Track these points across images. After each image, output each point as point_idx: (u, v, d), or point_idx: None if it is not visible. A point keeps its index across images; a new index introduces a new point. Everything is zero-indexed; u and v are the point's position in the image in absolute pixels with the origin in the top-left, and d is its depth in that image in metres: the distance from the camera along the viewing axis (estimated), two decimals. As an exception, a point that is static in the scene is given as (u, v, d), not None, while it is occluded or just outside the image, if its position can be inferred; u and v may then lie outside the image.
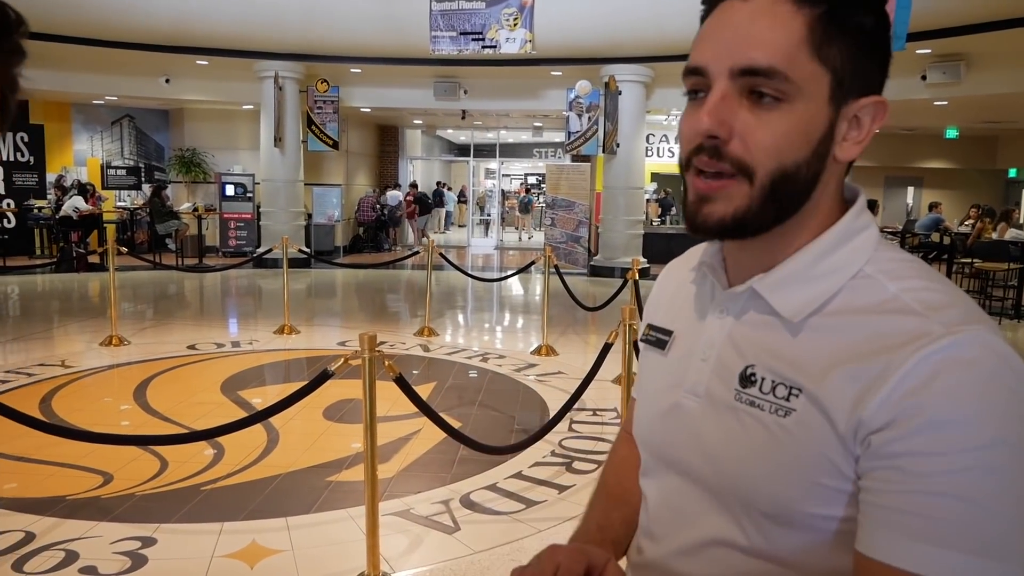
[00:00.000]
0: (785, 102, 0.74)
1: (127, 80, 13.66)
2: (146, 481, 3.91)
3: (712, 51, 0.76)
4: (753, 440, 0.76)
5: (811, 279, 0.78)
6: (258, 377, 6.11)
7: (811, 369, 0.74)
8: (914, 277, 0.76)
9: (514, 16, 10.80)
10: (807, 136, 0.75)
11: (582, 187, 13.58)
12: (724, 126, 0.74)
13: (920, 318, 0.70)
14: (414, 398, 2.99)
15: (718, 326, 0.85)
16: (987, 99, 11.91)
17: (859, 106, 0.77)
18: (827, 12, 0.74)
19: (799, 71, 0.73)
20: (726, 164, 0.75)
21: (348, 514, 3.56)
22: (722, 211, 0.77)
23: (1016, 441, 0.65)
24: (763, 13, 0.74)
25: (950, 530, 0.64)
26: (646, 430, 0.93)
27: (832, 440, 0.71)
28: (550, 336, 7.29)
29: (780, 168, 0.75)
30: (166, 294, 11.04)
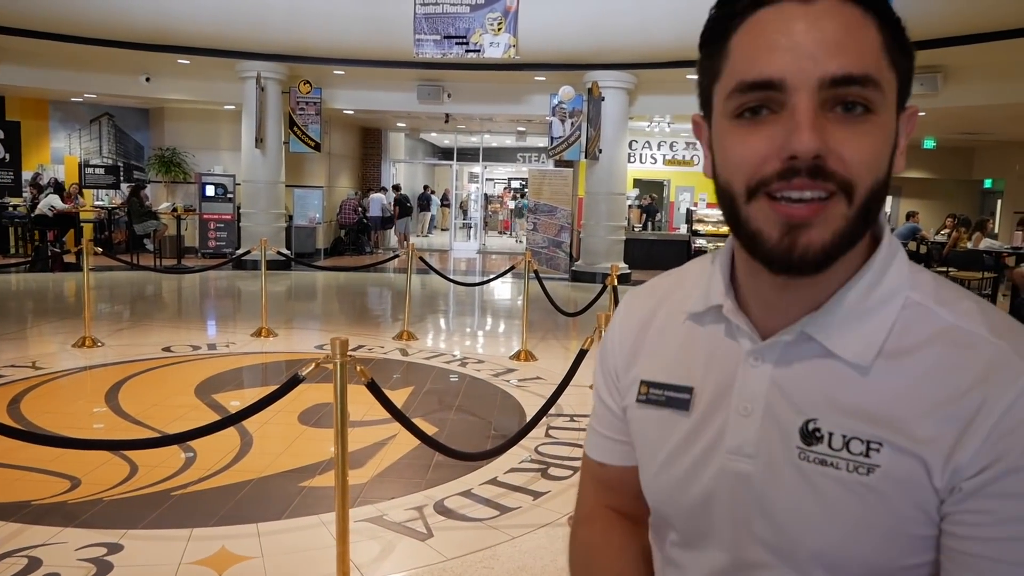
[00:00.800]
0: (874, 113, 0.68)
1: (106, 78, 13.53)
2: (115, 486, 3.85)
3: (789, 61, 0.66)
4: (831, 502, 0.70)
5: (866, 313, 0.72)
6: (233, 380, 6.05)
7: (891, 418, 0.68)
8: (960, 299, 0.72)
9: (498, 21, 10.81)
10: (889, 147, 0.70)
11: (564, 192, 13.60)
12: (824, 143, 0.66)
13: (992, 346, 0.67)
14: (386, 403, 2.96)
15: (755, 376, 0.76)
16: (963, 111, 12.05)
17: (903, 117, 0.73)
18: (892, 23, 0.70)
19: (884, 78, 0.68)
20: (830, 184, 0.67)
21: (320, 520, 3.52)
22: (823, 237, 0.68)
23: None
24: (836, 16, 0.67)
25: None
26: (673, 500, 0.83)
27: (927, 491, 0.67)
28: (529, 341, 7.27)
29: (876, 184, 0.68)
30: (143, 295, 10.93)
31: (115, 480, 3.92)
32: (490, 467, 4.22)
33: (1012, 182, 17.73)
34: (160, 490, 3.84)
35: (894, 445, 0.68)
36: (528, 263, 7.40)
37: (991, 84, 10.95)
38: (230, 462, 4.25)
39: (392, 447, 4.51)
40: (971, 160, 19.91)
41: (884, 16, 0.70)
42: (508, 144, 23.51)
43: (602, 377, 0.94)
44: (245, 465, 4.22)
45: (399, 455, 4.40)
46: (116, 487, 3.84)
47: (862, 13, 0.68)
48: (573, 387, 4.33)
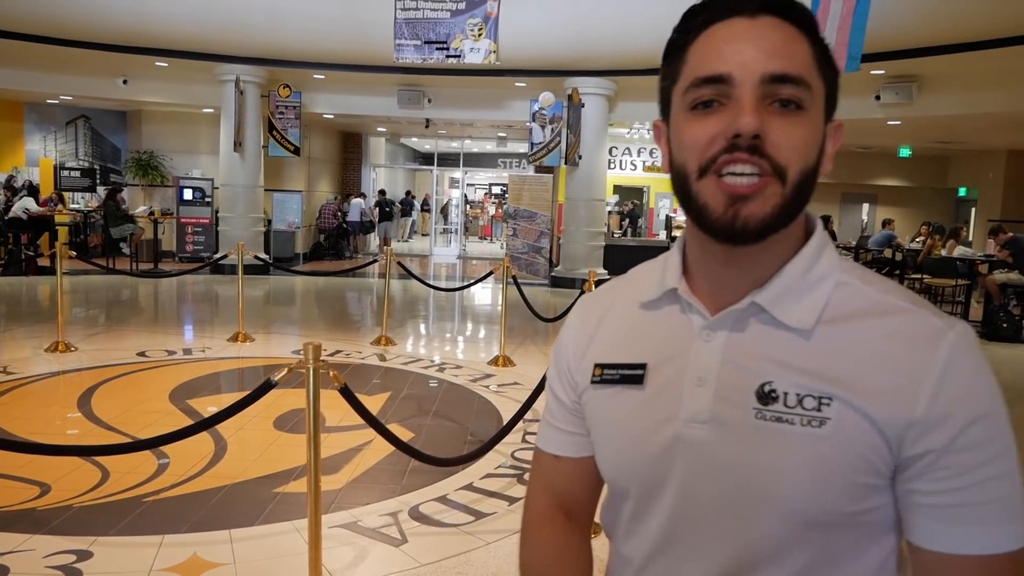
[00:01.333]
0: (804, 110, 0.79)
1: (83, 80, 13.41)
2: (85, 492, 3.81)
3: (736, 60, 0.78)
4: (789, 454, 0.78)
5: (806, 288, 0.82)
6: (208, 385, 6.00)
7: (838, 375, 0.77)
8: (878, 280, 0.84)
9: (478, 26, 10.83)
10: (817, 143, 0.81)
11: (544, 198, 13.63)
12: (763, 127, 0.77)
13: (917, 315, 0.79)
14: (359, 409, 2.95)
15: (708, 349, 0.84)
16: (938, 120, 12.22)
17: (830, 127, 0.85)
18: (818, 42, 0.82)
19: (814, 83, 0.80)
20: (766, 163, 0.78)
21: (294, 526, 3.50)
22: (761, 211, 0.78)
23: (1005, 411, 0.77)
24: (776, 29, 0.79)
25: (1002, 507, 0.75)
26: (633, 471, 0.89)
27: (875, 441, 0.76)
28: (508, 347, 7.27)
29: (805, 169, 0.80)
30: (118, 299, 10.83)
31: (86, 486, 3.88)
32: (466, 472, 4.22)
33: (985, 190, 17.97)
34: (131, 496, 3.80)
35: (843, 400, 0.77)
36: (506, 269, 7.40)
37: (965, 94, 11.10)
38: (204, 468, 4.21)
39: (368, 453, 4.50)
40: (946, 168, 20.16)
41: (814, 36, 0.82)
42: (489, 150, 23.52)
43: (555, 372, 1.00)
44: (219, 471, 4.19)
45: (375, 461, 4.39)
46: (87, 493, 3.80)
47: (797, 31, 0.80)
48: (549, 392, 4.34)
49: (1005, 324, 9.54)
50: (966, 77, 10.86)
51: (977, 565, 0.75)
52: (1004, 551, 0.75)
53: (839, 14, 8.64)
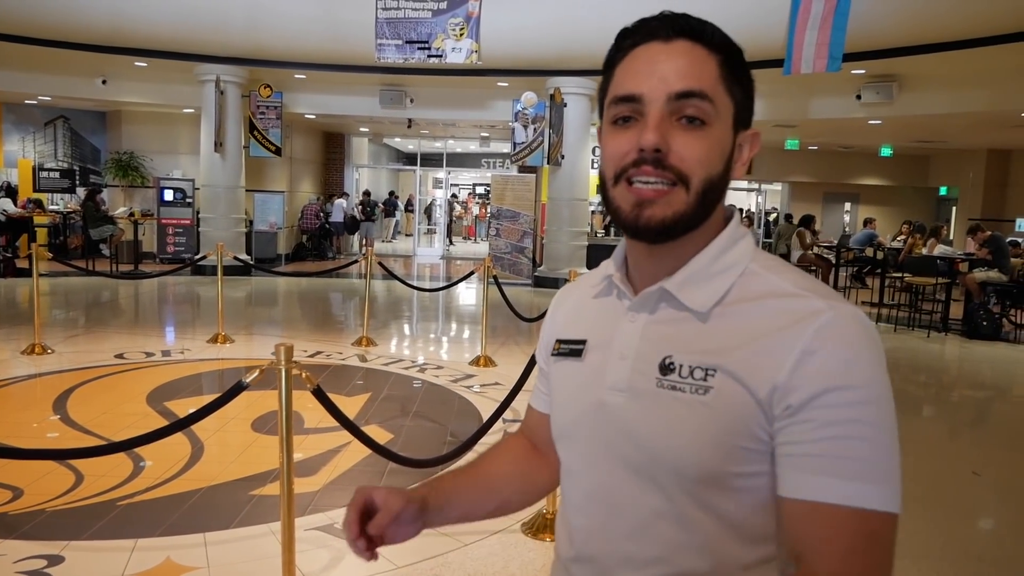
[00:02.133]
0: (708, 124, 0.90)
1: (62, 80, 13.28)
2: (58, 496, 3.76)
3: (647, 81, 0.89)
4: (678, 418, 0.87)
5: (711, 276, 0.92)
6: (187, 387, 5.95)
7: (723, 350, 0.87)
8: (785, 269, 0.93)
9: (460, 26, 10.80)
10: (722, 153, 0.92)
11: (527, 198, 13.62)
12: (665, 142, 0.89)
13: (804, 298, 0.86)
14: (333, 410, 2.93)
15: (631, 327, 0.96)
16: (918, 119, 12.30)
17: (744, 136, 0.96)
18: (727, 59, 0.92)
19: (718, 99, 0.90)
20: (669, 173, 0.89)
21: (269, 529, 3.47)
22: (662, 213, 0.90)
23: (885, 388, 0.84)
24: (686, 53, 0.90)
25: (856, 466, 0.81)
26: (570, 430, 1.02)
27: (751, 407, 0.84)
28: (489, 347, 7.25)
29: (708, 178, 0.90)
30: (97, 301, 10.72)
31: (59, 490, 3.83)
32: (445, 473, 4.19)
33: (966, 190, 18.12)
34: (105, 500, 3.75)
35: (725, 371, 0.86)
36: (488, 269, 7.38)
37: (945, 93, 11.18)
38: (179, 471, 4.17)
39: (346, 454, 4.46)
40: (927, 168, 20.32)
41: (726, 58, 0.92)
42: (472, 150, 23.50)
43: (540, 344, 1.17)
44: (195, 473, 4.15)
45: (353, 462, 4.36)
46: (60, 497, 3.75)
47: (706, 52, 0.91)
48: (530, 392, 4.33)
49: (985, 322, 9.61)
50: (946, 76, 10.94)
51: (832, 514, 0.81)
52: (860, 506, 0.80)
53: (820, 14, 8.68)
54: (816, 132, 15.82)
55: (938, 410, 6.75)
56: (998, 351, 9.01)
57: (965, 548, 3.72)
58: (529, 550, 3.40)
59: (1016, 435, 5.93)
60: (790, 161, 19.52)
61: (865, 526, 0.81)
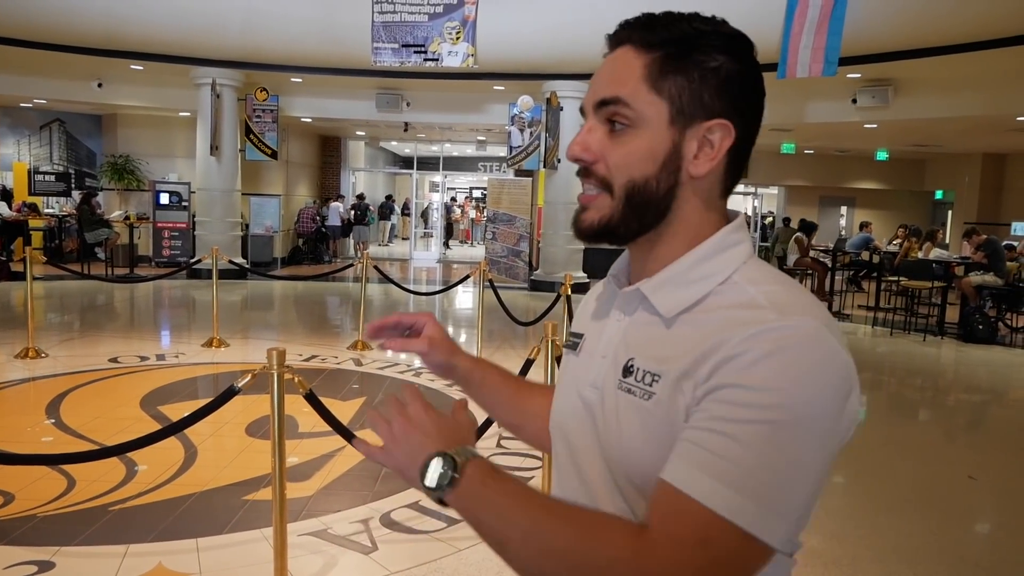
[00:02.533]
0: (631, 127, 0.89)
1: (57, 83, 13.26)
2: (50, 501, 3.74)
3: (587, 94, 0.93)
4: (628, 421, 0.88)
5: (686, 283, 0.90)
6: (180, 392, 5.92)
7: (670, 358, 0.86)
8: (772, 283, 0.87)
9: (456, 30, 10.80)
10: (652, 154, 0.89)
11: (523, 202, 13.61)
12: (589, 152, 0.91)
13: (763, 310, 0.82)
14: (325, 415, 2.91)
15: (616, 327, 0.97)
16: (914, 123, 12.32)
17: (705, 128, 0.89)
18: (663, 55, 0.89)
19: (639, 101, 0.89)
20: (593, 179, 0.92)
21: (262, 534, 3.45)
22: (591, 218, 0.93)
23: (804, 408, 0.77)
24: (616, 60, 0.92)
25: (722, 465, 0.76)
26: (557, 420, 1.04)
27: (682, 412, 0.83)
28: (485, 351, 7.24)
29: (631, 181, 0.90)
30: (92, 305, 10.69)
31: (51, 495, 3.80)
32: (439, 478, 4.17)
33: (962, 193, 18.15)
34: (97, 505, 3.73)
35: (667, 378, 0.85)
36: (483, 273, 7.37)
37: (941, 97, 11.20)
38: (172, 475, 4.15)
39: (340, 459, 4.45)
40: (922, 171, 20.36)
41: (665, 50, 0.89)
42: (469, 153, 23.50)
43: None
44: (188, 478, 4.13)
45: (347, 467, 4.34)
46: (52, 502, 3.73)
47: (636, 54, 0.90)
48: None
49: (981, 326, 9.62)
50: (942, 81, 10.96)
51: (682, 501, 0.77)
52: (708, 505, 0.75)
53: (816, 19, 8.69)
54: (812, 136, 15.84)
55: (934, 414, 6.74)
56: (994, 355, 9.01)
57: (961, 553, 3.70)
58: (524, 555, 3.37)
59: (1012, 439, 5.93)
60: (786, 165, 19.55)
61: (703, 528, 0.75)
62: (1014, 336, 10.04)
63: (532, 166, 13.37)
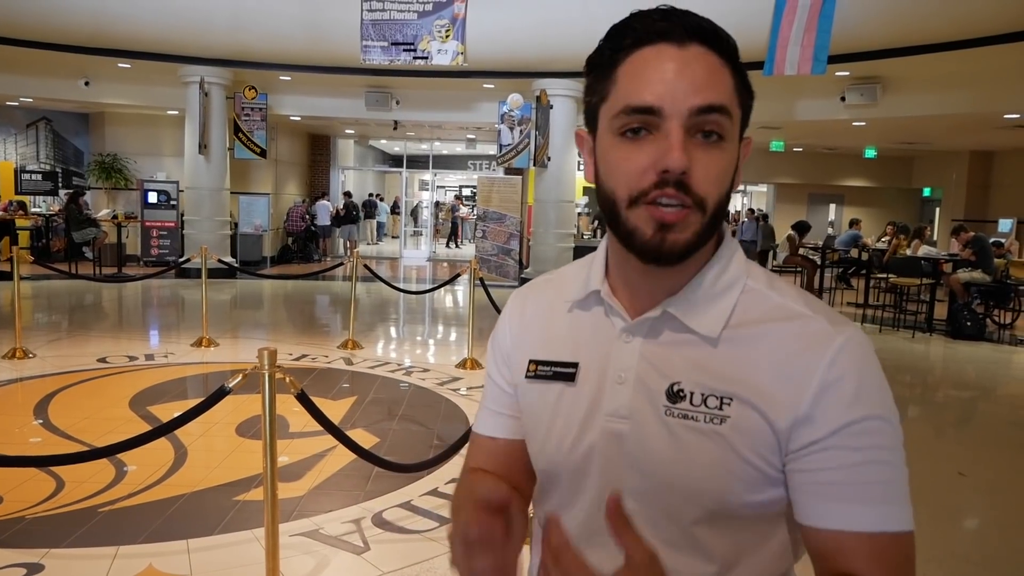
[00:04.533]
0: (725, 140, 0.84)
1: (43, 81, 13.17)
2: (38, 503, 3.70)
3: (666, 92, 0.81)
4: (694, 447, 0.84)
5: (715, 297, 0.88)
6: (170, 392, 5.89)
7: (738, 378, 0.84)
8: (783, 286, 0.90)
9: (446, 28, 10.78)
10: (732, 169, 0.87)
11: (513, 200, 13.60)
12: (690, 163, 0.82)
13: (812, 321, 0.85)
14: (317, 415, 2.90)
15: (627, 349, 0.90)
16: (902, 121, 12.38)
17: (743, 143, 0.90)
18: (736, 67, 0.86)
19: (735, 111, 0.85)
20: (689, 197, 0.82)
21: (253, 535, 3.43)
22: (684, 239, 0.84)
23: (894, 408, 0.83)
24: (702, 60, 0.83)
25: (880, 489, 0.81)
26: (561, 461, 0.93)
27: (768, 436, 0.82)
28: (476, 349, 7.23)
29: (720, 198, 0.85)
30: (80, 304, 10.62)
31: (39, 497, 3.77)
32: (431, 477, 4.17)
33: (949, 191, 18.25)
34: (87, 506, 3.70)
35: (742, 399, 0.83)
36: (474, 271, 7.36)
37: (928, 95, 11.26)
38: (162, 476, 4.12)
39: (332, 459, 4.43)
40: (910, 169, 20.45)
41: (735, 65, 0.86)
42: (458, 152, 23.47)
43: (492, 359, 1.06)
44: (178, 479, 4.10)
45: (338, 467, 4.33)
46: (40, 504, 3.70)
47: (721, 62, 0.84)
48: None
49: (969, 322, 9.68)
50: (930, 78, 11.01)
51: (860, 541, 0.80)
52: (888, 530, 0.80)
53: (805, 17, 8.71)
54: (801, 133, 15.90)
55: (923, 410, 6.78)
56: (982, 351, 9.06)
57: (951, 548, 3.73)
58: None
59: (1001, 435, 5.97)
60: (775, 162, 19.61)
61: (900, 549, 0.81)
62: (1002, 332, 10.11)
63: (522, 164, 13.37)
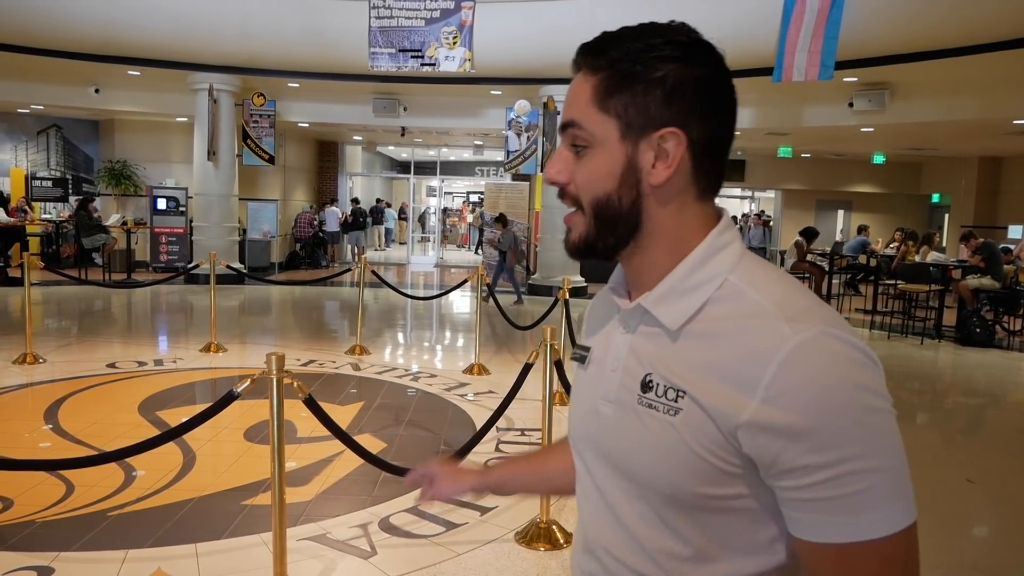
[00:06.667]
0: (589, 147, 0.93)
1: (54, 88, 13.26)
2: (49, 507, 3.73)
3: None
4: (653, 436, 0.88)
5: (684, 292, 0.90)
6: (179, 397, 5.92)
7: (690, 374, 0.86)
8: (771, 283, 0.88)
9: (453, 35, 10.83)
10: (610, 171, 0.92)
11: (520, 206, 13.63)
12: (562, 174, 0.95)
13: (769, 321, 0.82)
14: (325, 420, 2.91)
15: (622, 341, 0.97)
16: (910, 127, 12.34)
17: (656, 138, 0.90)
18: (607, 76, 0.92)
19: (590, 122, 0.92)
20: (567, 200, 0.97)
21: (261, 539, 3.45)
22: (573, 237, 0.97)
23: (861, 406, 0.80)
24: (573, 86, 0.95)
25: (853, 500, 0.78)
26: (574, 433, 1.06)
27: (714, 435, 0.83)
28: (483, 355, 7.24)
29: (596, 199, 0.93)
30: (90, 310, 10.68)
31: (50, 501, 3.80)
32: (438, 482, 4.17)
33: (958, 197, 18.19)
34: (96, 510, 3.73)
35: (690, 395, 0.85)
36: (481, 277, 7.37)
37: (937, 101, 11.23)
38: (171, 481, 4.15)
39: (339, 463, 4.44)
40: (919, 175, 20.39)
41: (608, 70, 0.92)
42: (466, 158, 23.51)
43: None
44: (186, 484, 4.12)
45: (346, 471, 4.34)
46: (50, 508, 3.73)
47: (585, 77, 0.94)
48: (524, 401, 4.34)
49: (978, 329, 9.64)
50: (938, 84, 10.99)
51: (829, 552, 0.81)
52: (858, 539, 0.79)
53: (812, 23, 8.71)
54: (808, 139, 15.87)
55: (932, 417, 6.75)
56: (991, 358, 9.02)
57: (959, 557, 3.71)
58: (523, 560, 3.38)
59: (1010, 442, 5.94)
60: (783, 168, 19.58)
61: (878, 554, 0.80)
62: (1011, 339, 10.07)
63: (529, 170, 13.39)
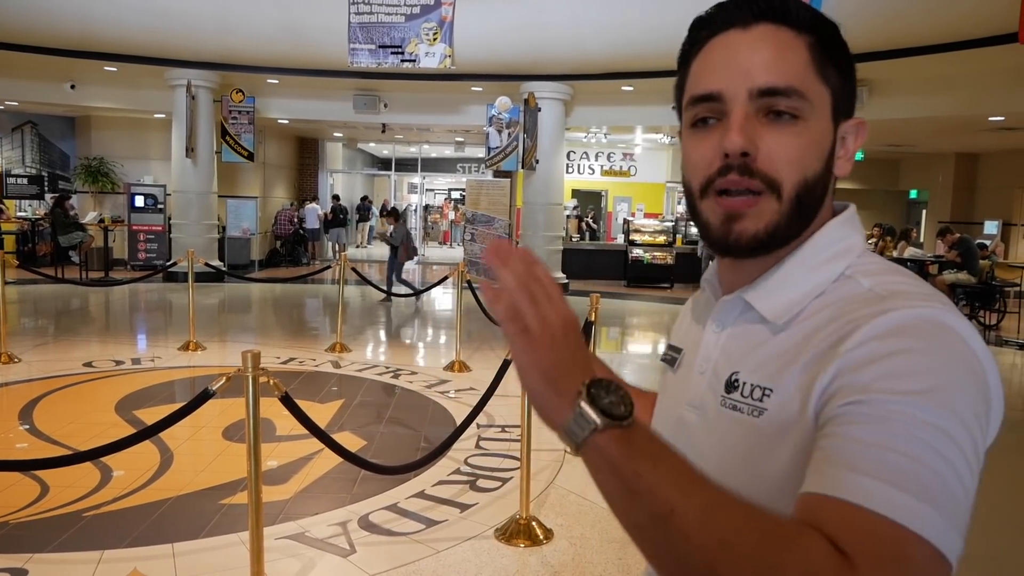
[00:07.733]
0: (801, 119, 0.79)
1: (29, 84, 13.10)
2: (23, 508, 3.69)
3: (727, 77, 0.79)
4: (733, 443, 0.79)
5: (795, 284, 0.81)
6: (156, 396, 5.86)
7: (782, 367, 0.76)
8: (889, 273, 0.78)
9: (433, 31, 10.78)
10: (820, 150, 0.81)
11: (502, 203, 13.61)
12: (752, 144, 0.78)
13: (884, 300, 0.72)
14: (302, 418, 2.89)
15: (713, 340, 0.88)
16: (888, 123, 12.43)
17: (848, 126, 0.84)
18: (819, 40, 0.81)
19: (811, 89, 0.79)
20: (756, 181, 0.78)
21: (239, 538, 3.42)
22: (755, 227, 0.80)
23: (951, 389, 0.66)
24: (768, 39, 0.79)
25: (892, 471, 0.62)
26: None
27: (804, 429, 0.72)
28: (464, 352, 7.23)
29: (803, 181, 0.79)
30: (67, 309, 10.56)
31: (24, 501, 3.76)
32: (418, 479, 4.17)
33: (935, 193, 18.36)
34: (72, 511, 3.69)
35: (781, 390, 0.76)
36: (462, 274, 7.36)
37: (914, 98, 11.33)
38: (148, 480, 4.11)
39: (318, 461, 4.42)
40: (897, 171, 20.57)
41: (817, 34, 0.81)
42: (447, 155, 23.47)
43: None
44: (163, 483, 4.09)
45: (325, 469, 4.32)
46: (24, 509, 3.68)
47: (793, 35, 0.80)
48: (504, 397, 4.33)
49: (953, 323, 9.72)
50: (916, 81, 11.09)
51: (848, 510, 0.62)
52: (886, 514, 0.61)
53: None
54: (788, 136, 15.94)
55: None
56: (967, 352, 9.11)
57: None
58: (502, 556, 3.38)
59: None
60: (763, 165, 19.67)
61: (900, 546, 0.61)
62: (988, 333, 10.18)
63: (510, 167, 13.38)
